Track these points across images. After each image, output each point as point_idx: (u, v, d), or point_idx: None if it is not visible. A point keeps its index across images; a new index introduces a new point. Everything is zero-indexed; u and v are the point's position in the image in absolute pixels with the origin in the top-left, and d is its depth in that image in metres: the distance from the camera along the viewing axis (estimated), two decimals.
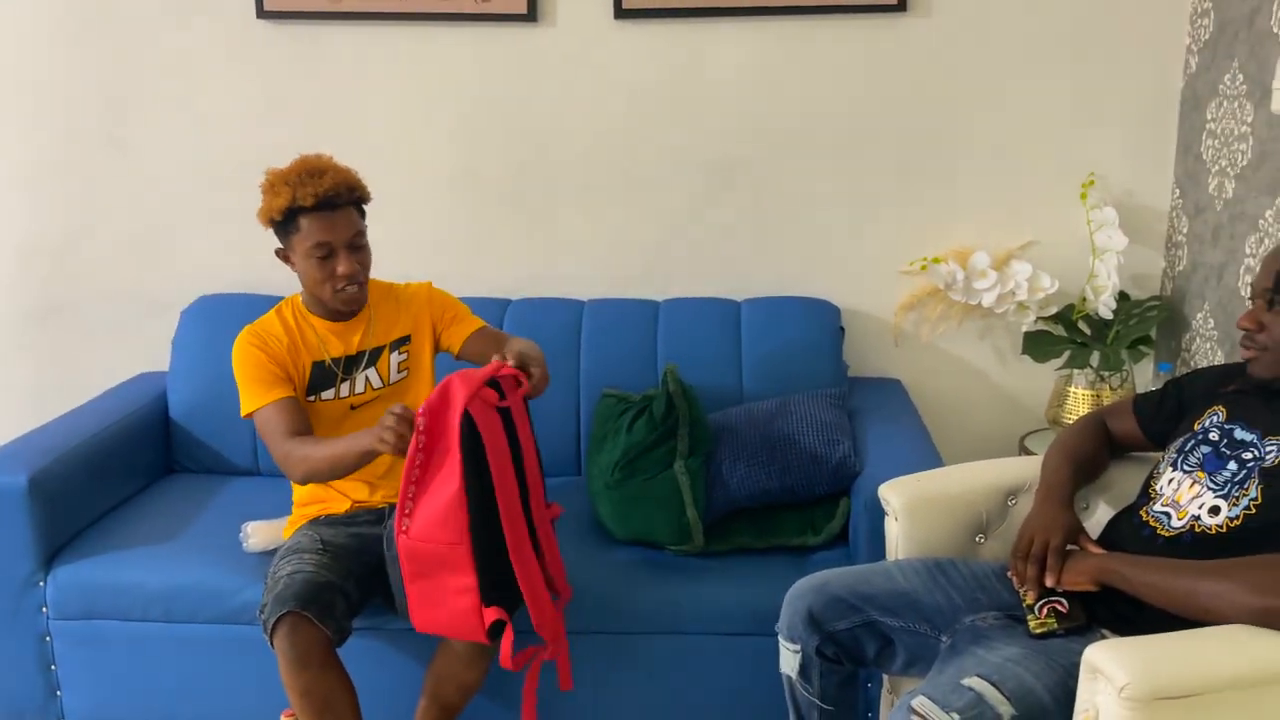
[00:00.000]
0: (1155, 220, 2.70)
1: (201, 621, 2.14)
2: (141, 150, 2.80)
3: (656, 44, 2.67)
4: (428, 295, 2.21)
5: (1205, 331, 2.48)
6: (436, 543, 1.76)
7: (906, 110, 2.67)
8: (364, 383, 2.13)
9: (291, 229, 2.00)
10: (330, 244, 2.00)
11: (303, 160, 2.01)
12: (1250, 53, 2.28)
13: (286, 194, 1.96)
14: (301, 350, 2.09)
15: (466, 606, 1.79)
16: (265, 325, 2.11)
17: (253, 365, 2.05)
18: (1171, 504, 1.60)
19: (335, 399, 2.11)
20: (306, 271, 2.04)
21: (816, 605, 1.71)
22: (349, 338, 2.13)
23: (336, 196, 1.98)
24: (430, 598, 1.80)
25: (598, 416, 2.37)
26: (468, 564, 1.77)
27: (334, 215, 1.99)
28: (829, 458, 2.21)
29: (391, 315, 2.17)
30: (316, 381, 2.10)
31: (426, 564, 1.78)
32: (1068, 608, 1.59)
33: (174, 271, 2.85)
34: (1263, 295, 1.54)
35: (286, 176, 1.98)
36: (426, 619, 1.83)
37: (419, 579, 1.80)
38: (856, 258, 2.76)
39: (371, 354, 2.13)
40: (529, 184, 2.78)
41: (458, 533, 1.75)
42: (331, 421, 2.11)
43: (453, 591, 1.78)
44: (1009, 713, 1.40)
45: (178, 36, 2.73)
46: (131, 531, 2.29)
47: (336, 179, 1.99)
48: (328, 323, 2.12)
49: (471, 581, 1.77)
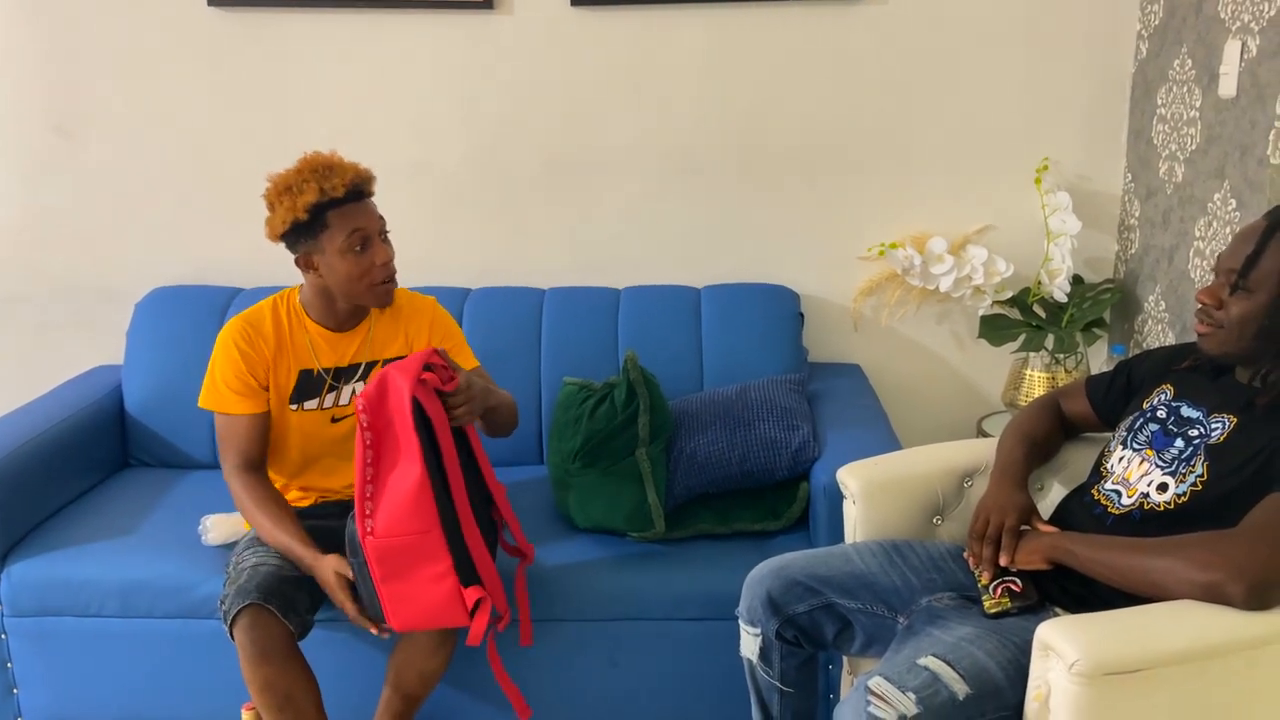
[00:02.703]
0: (1108, 204, 2.74)
1: (159, 616, 2.12)
2: (91, 140, 2.76)
3: (614, 31, 2.66)
4: (431, 317, 2.11)
5: (1157, 314, 2.52)
6: (407, 534, 1.74)
7: (863, 97, 2.69)
8: (349, 395, 2.06)
9: (319, 227, 1.90)
10: (367, 231, 1.93)
11: (311, 158, 1.91)
12: (1199, 38, 2.32)
13: (312, 190, 1.86)
14: (289, 355, 2.02)
15: (446, 592, 1.78)
16: (257, 323, 2.02)
17: (231, 370, 1.99)
18: (1121, 482, 1.63)
19: (318, 409, 2.05)
20: (340, 269, 1.93)
21: (775, 589, 1.73)
22: (344, 348, 2.05)
23: (362, 186, 1.94)
24: (406, 594, 1.77)
25: (559, 405, 2.37)
26: (441, 549, 1.76)
27: (363, 204, 1.94)
28: (788, 443, 2.23)
29: (390, 330, 2.09)
30: (301, 390, 2.03)
31: (398, 560, 1.75)
32: (1021, 587, 1.62)
33: (127, 263, 2.81)
34: (1227, 276, 1.54)
35: (303, 175, 1.88)
36: (406, 618, 1.81)
37: (391, 579, 1.77)
38: (815, 244, 2.78)
39: (365, 368, 2.07)
40: (488, 172, 2.77)
41: (428, 519, 1.75)
42: (310, 432, 2.06)
43: (429, 581, 1.77)
44: (964, 691, 1.42)
45: (127, 24, 2.68)
46: (87, 527, 2.26)
47: (356, 169, 1.93)
48: (325, 331, 2.04)
49: (447, 565, 1.77)
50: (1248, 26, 2.11)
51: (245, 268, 2.69)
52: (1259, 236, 1.51)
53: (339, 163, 1.92)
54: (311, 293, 2.02)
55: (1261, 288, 1.50)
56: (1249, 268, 1.50)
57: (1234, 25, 2.16)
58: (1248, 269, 1.50)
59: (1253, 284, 1.50)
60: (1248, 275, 1.50)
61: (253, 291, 2.63)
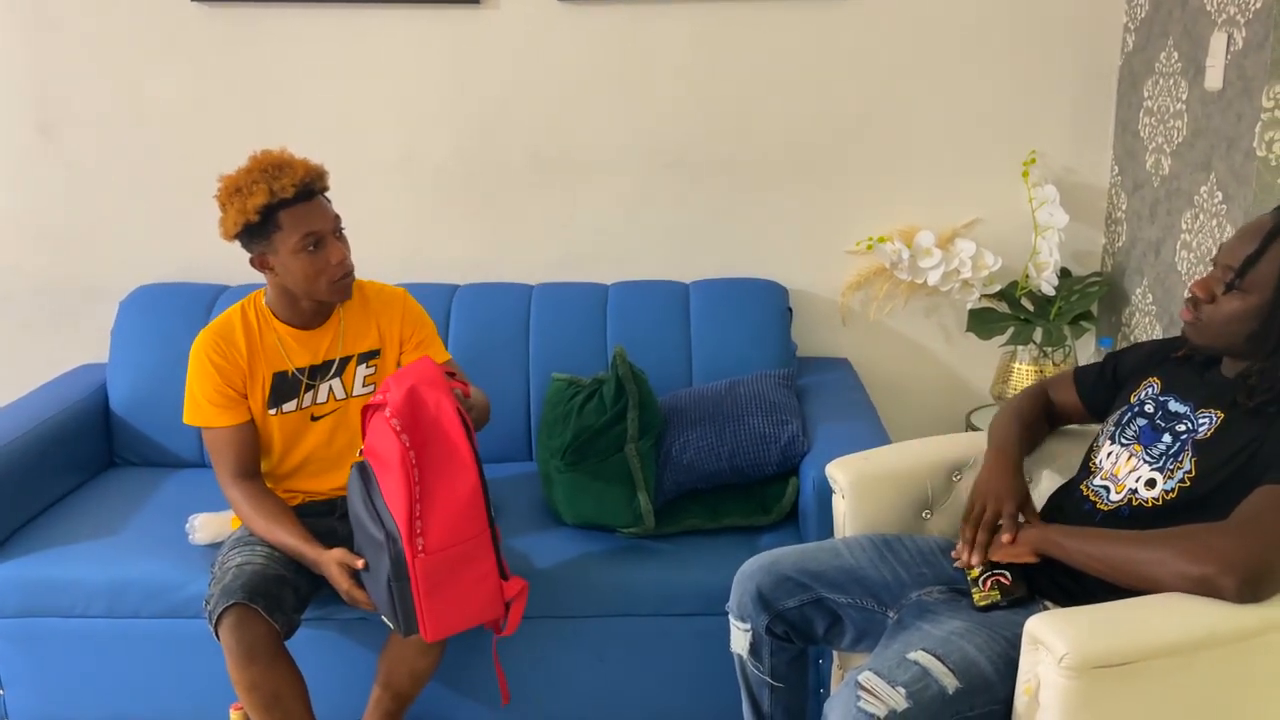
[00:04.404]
0: (1095, 197, 2.74)
1: (146, 616, 2.10)
2: (73, 137, 2.74)
3: (601, 26, 2.65)
4: (402, 309, 2.11)
5: (1144, 306, 2.53)
6: (462, 543, 1.74)
7: (850, 90, 2.68)
8: (327, 392, 2.05)
9: (271, 228, 1.89)
10: (319, 232, 1.91)
11: (262, 157, 1.90)
12: (1184, 31, 2.32)
13: (262, 191, 1.84)
14: (261, 361, 2.01)
15: (489, 591, 1.79)
16: (227, 332, 2.00)
17: (209, 385, 1.98)
18: (1110, 477, 1.63)
19: (297, 410, 2.04)
20: (295, 269, 1.91)
21: (765, 584, 1.73)
22: (315, 345, 2.04)
23: (313, 184, 1.91)
24: (450, 603, 1.76)
25: (548, 401, 2.37)
26: (488, 549, 1.77)
27: (315, 204, 1.92)
28: (778, 438, 2.22)
29: (362, 323, 2.08)
30: (278, 393, 2.02)
31: (446, 571, 1.74)
32: (1011, 580, 1.62)
33: (111, 261, 2.79)
34: (1224, 272, 1.52)
35: (252, 176, 1.86)
36: (445, 625, 1.78)
37: (437, 591, 1.74)
38: (803, 239, 2.77)
39: (340, 363, 2.06)
40: (475, 168, 2.75)
41: (480, 522, 1.76)
42: (292, 433, 2.05)
43: (474, 582, 1.77)
44: (953, 685, 1.42)
45: (109, 19, 2.66)
46: (73, 527, 2.25)
47: (307, 168, 1.91)
48: (294, 330, 2.02)
49: (491, 564, 1.78)
50: (1233, 19, 2.11)
51: (230, 265, 2.65)
52: (1262, 237, 1.48)
53: (289, 161, 1.90)
54: (274, 293, 2.01)
55: (1256, 290, 1.48)
56: (1247, 268, 1.48)
57: (1220, 17, 2.16)
58: (1245, 269, 1.48)
59: (1248, 285, 1.48)
60: (1244, 275, 1.48)
61: (238, 289, 2.61)
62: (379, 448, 1.77)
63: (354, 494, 1.82)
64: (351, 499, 1.84)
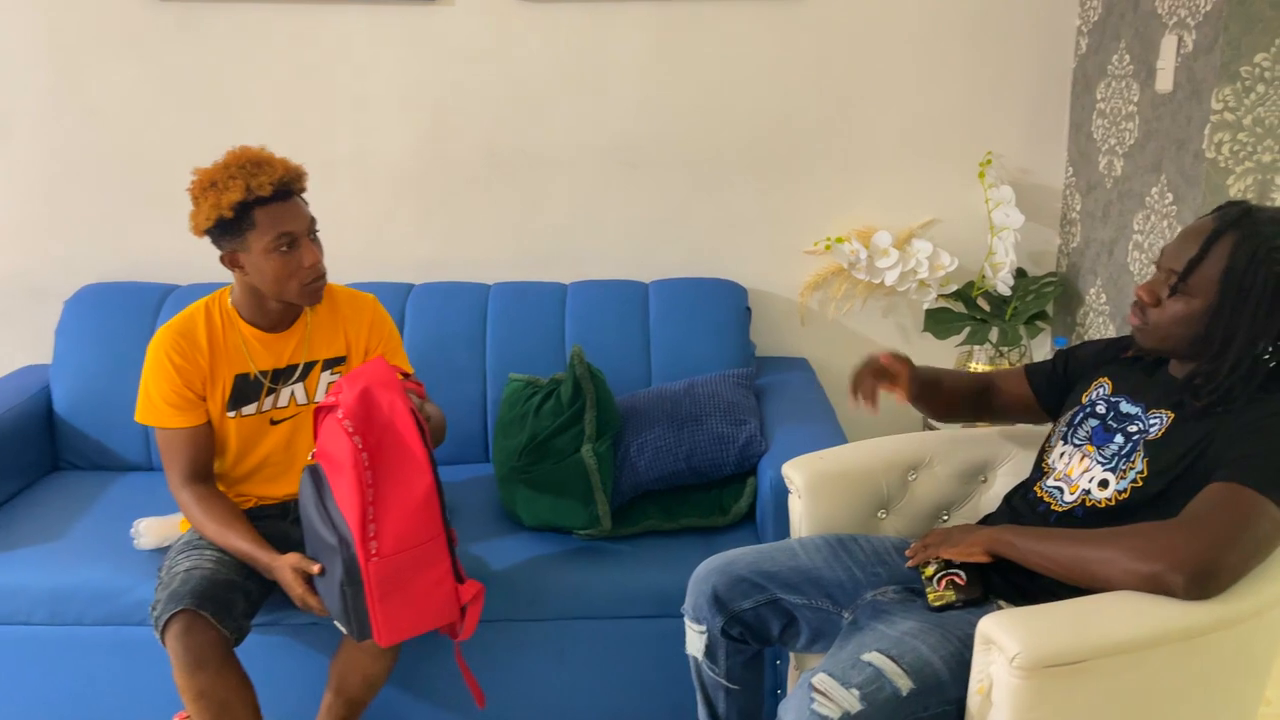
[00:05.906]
0: (1050, 198, 2.76)
1: (90, 623, 2.05)
2: (19, 133, 2.67)
3: (559, 24, 2.63)
4: (371, 318, 2.07)
5: (1098, 306, 2.55)
6: (416, 546, 1.71)
7: (808, 91, 2.69)
8: (289, 397, 2.01)
9: (246, 225, 1.84)
10: (294, 233, 1.86)
11: (240, 152, 1.85)
12: (1136, 34, 2.34)
13: (238, 187, 1.80)
14: (223, 362, 1.96)
15: (445, 595, 1.76)
16: (189, 331, 1.95)
17: (167, 385, 1.92)
18: (1064, 478, 1.63)
19: (256, 413, 2.00)
20: (267, 269, 1.87)
21: (721, 585, 1.72)
22: (280, 349, 2.00)
23: (291, 184, 1.87)
24: (405, 608, 1.72)
25: (505, 401, 2.34)
26: (443, 552, 1.74)
27: (291, 204, 1.87)
28: (735, 438, 2.22)
29: (329, 329, 2.03)
30: (238, 395, 1.97)
31: (400, 575, 1.70)
32: (965, 580, 1.62)
33: (55, 259, 2.73)
34: (1168, 275, 1.52)
35: (229, 171, 1.82)
36: (398, 630, 1.74)
37: (391, 595, 1.70)
38: (762, 238, 2.77)
39: (304, 368, 2.01)
40: (431, 166, 2.72)
41: (436, 525, 1.72)
42: (250, 436, 2.00)
43: (429, 586, 1.74)
44: (907, 686, 1.41)
45: (54, 13, 2.60)
46: (14, 532, 2.19)
47: (286, 167, 1.86)
48: (259, 332, 1.98)
49: (447, 568, 1.75)
50: (1184, 21, 2.13)
51: (179, 264, 2.62)
52: (1203, 240, 1.48)
53: (268, 159, 1.86)
54: (242, 293, 1.97)
55: (1200, 293, 1.48)
56: (1189, 271, 1.48)
57: (1170, 20, 2.19)
58: (1188, 272, 1.49)
59: (1192, 288, 1.49)
60: (1187, 279, 1.49)
61: (187, 289, 2.56)
62: (331, 449, 1.74)
63: (305, 497, 1.79)
64: (303, 502, 1.80)
